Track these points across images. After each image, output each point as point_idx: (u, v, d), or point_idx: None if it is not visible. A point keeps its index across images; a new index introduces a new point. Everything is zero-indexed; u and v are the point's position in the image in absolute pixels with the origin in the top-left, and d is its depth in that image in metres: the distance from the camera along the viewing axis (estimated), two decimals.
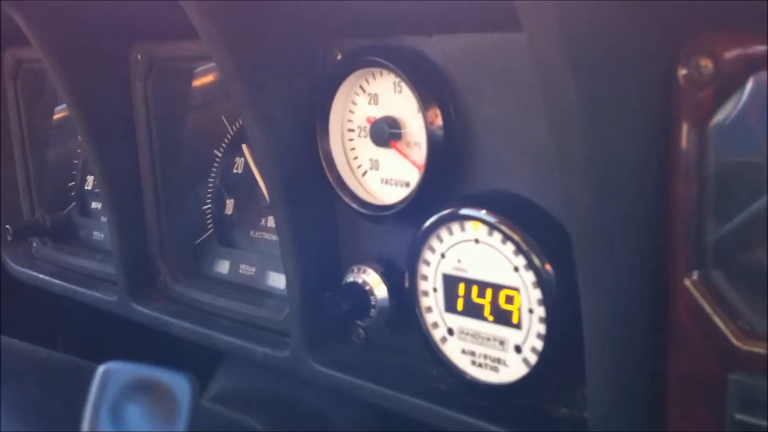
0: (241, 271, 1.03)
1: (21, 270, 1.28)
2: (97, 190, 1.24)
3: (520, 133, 0.70)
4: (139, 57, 1.04)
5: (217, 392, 1.08)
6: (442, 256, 0.74)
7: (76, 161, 1.30)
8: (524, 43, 0.56)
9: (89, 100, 1.05)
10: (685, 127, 0.59)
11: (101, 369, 0.51)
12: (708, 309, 0.59)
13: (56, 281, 1.22)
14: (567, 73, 0.57)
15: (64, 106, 1.28)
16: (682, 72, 0.57)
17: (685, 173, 0.59)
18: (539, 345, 0.68)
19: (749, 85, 0.55)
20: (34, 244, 1.30)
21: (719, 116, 0.57)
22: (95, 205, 1.27)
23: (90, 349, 1.22)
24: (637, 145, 0.59)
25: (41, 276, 1.24)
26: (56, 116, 1.30)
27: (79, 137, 1.23)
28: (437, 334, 0.76)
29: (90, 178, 1.28)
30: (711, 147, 0.58)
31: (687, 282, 0.60)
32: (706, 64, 0.56)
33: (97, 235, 1.25)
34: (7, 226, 1.24)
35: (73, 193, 1.30)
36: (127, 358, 0.53)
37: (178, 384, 0.51)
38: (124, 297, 1.10)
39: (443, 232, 0.73)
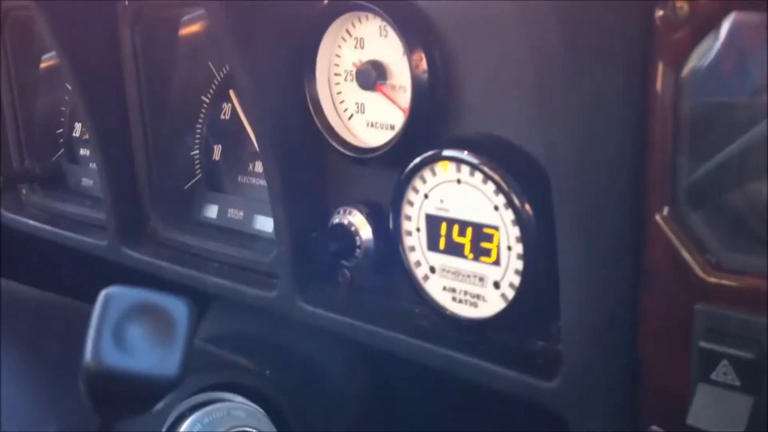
0: (229, 215, 1.06)
1: (11, 217, 1.30)
2: (86, 137, 1.25)
3: (504, 78, 0.72)
4: (127, 3, 1.05)
5: (206, 336, 1.11)
6: (425, 196, 0.76)
7: (64, 109, 1.31)
8: None
9: (77, 47, 1.06)
10: (660, 69, 0.61)
11: (104, 292, 0.54)
12: (677, 243, 0.62)
13: (46, 227, 1.24)
14: (548, 17, 0.59)
15: (51, 54, 1.29)
16: (659, 13, 0.59)
17: (661, 115, 0.62)
18: (516, 281, 0.71)
19: (724, 27, 0.58)
20: (24, 192, 1.32)
21: (694, 58, 0.60)
22: (84, 152, 1.28)
23: (81, 295, 1.24)
24: (617, 88, 0.62)
25: (31, 222, 1.26)
26: (44, 65, 1.31)
27: (68, 85, 1.24)
28: (420, 272, 0.79)
29: (78, 126, 1.29)
30: (686, 89, 0.61)
31: (658, 217, 0.62)
32: (682, 5, 0.58)
33: (86, 182, 1.27)
34: None
35: (61, 141, 1.31)
36: None
37: (177, 307, 0.54)
38: (114, 242, 1.12)
39: (427, 173, 0.75)
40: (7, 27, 1.26)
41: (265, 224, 1.01)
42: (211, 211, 1.09)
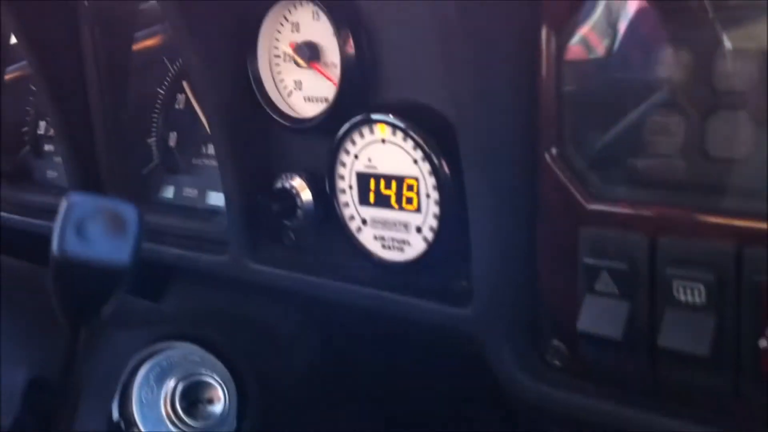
0: (184, 194, 1.16)
1: None
2: (50, 133, 1.35)
3: (417, 50, 0.83)
4: (86, 3, 1.15)
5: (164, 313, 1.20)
6: (356, 157, 0.87)
7: (29, 108, 1.40)
8: None
9: (41, 46, 1.17)
10: (545, 34, 0.72)
11: (66, 198, 0.64)
12: (563, 179, 0.73)
13: (15, 217, 1.32)
14: None
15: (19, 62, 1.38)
16: None
17: (547, 73, 0.73)
18: (435, 224, 0.82)
19: None
20: None
21: (574, 22, 0.71)
22: (48, 147, 1.38)
23: None
24: (509, 51, 0.73)
25: (3, 214, 1.35)
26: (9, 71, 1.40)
27: (32, 86, 1.33)
28: (353, 225, 0.89)
29: (42, 123, 1.39)
30: (568, 50, 0.72)
31: (548, 157, 0.74)
32: None
33: (51, 174, 1.36)
34: None
35: (26, 138, 1.40)
36: None
37: (128, 209, 0.65)
38: None
39: (356, 136, 0.86)
40: None
41: (217, 199, 1.11)
42: (168, 192, 1.18)
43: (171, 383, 0.88)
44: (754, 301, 0.62)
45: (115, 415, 0.86)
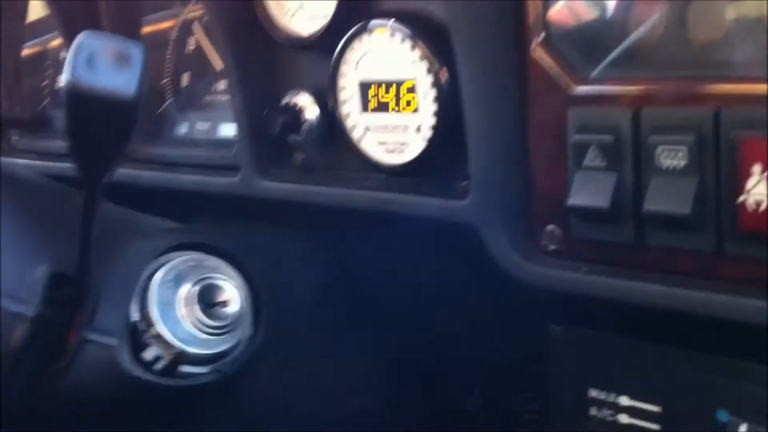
0: (197, 128, 1.20)
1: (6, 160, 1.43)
2: None
3: None
4: None
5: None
6: (356, 66, 0.91)
7: (49, 61, 1.46)
8: None
9: None
10: None
11: (79, 36, 0.69)
12: (551, 64, 0.77)
13: (37, 163, 1.38)
14: None
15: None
16: None
17: None
18: (434, 121, 0.86)
19: None
20: (14, 138, 1.46)
21: None
22: None
23: None
24: None
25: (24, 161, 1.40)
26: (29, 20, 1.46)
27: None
28: (356, 134, 0.94)
29: (60, 78, 1.44)
30: None
31: (535, 45, 0.77)
32: None
33: None
34: None
35: (46, 91, 1.46)
36: None
37: (134, 46, 0.69)
38: None
39: (356, 44, 0.90)
40: None
41: (228, 130, 1.15)
42: (182, 128, 1.23)
43: (188, 285, 0.92)
44: (732, 158, 0.66)
45: (135, 316, 0.90)
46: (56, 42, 1.46)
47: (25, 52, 1.46)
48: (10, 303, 0.85)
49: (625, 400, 0.82)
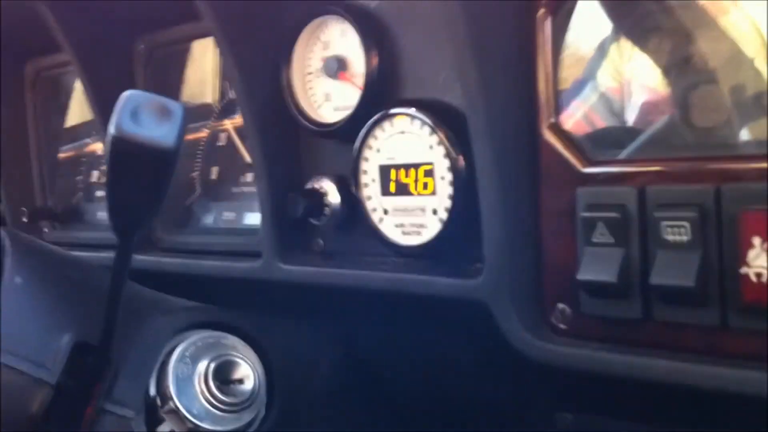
0: (223, 218, 1.25)
1: None
2: (102, 180, 1.46)
3: (435, 60, 0.93)
4: (142, 46, 1.28)
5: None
6: (378, 150, 0.96)
7: (84, 159, 1.52)
8: None
9: (100, 87, 1.29)
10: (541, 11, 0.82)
11: (124, 93, 0.74)
12: (560, 147, 0.81)
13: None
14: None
15: (75, 110, 1.52)
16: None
17: (543, 68, 0.82)
18: (449, 204, 0.90)
19: None
20: (45, 230, 1.52)
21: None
22: (99, 193, 1.49)
23: None
24: (509, 41, 0.83)
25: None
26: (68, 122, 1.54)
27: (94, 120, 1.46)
28: (376, 216, 0.97)
29: (95, 173, 1.50)
30: (565, 40, 0.82)
31: (544, 129, 0.82)
32: None
33: (101, 215, 1.46)
34: (23, 207, 1.46)
35: (80, 186, 1.52)
36: None
37: (174, 104, 0.74)
38: None
39: (378, 131, 0.95)
40: (38, 86, 1.49)
41: (253, 219, 1.19)
42: (209, 219, 1.28)
43: (205, 361, 0.94)
44: (733, 232, 0.69)
45: (152, 390, 0.92)
46: (92, 147, 1.53)
47: (62, 155, 1.53)
48: (33, 369, 0.87)
49: None
